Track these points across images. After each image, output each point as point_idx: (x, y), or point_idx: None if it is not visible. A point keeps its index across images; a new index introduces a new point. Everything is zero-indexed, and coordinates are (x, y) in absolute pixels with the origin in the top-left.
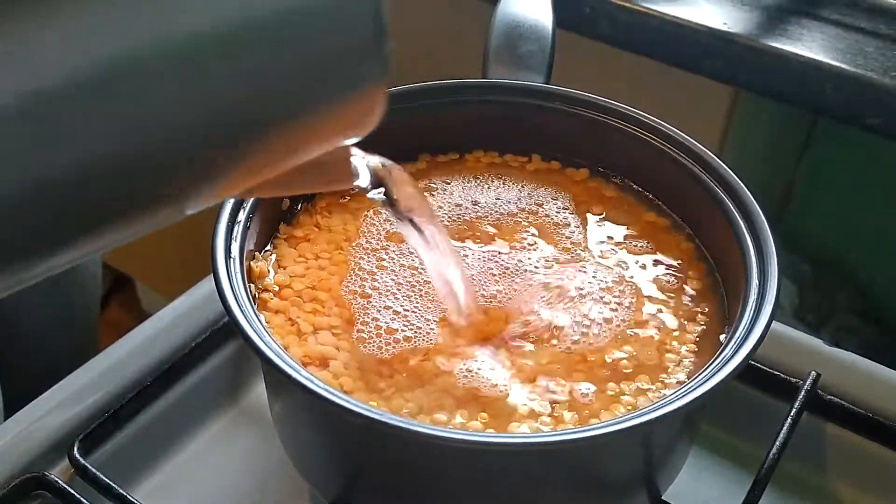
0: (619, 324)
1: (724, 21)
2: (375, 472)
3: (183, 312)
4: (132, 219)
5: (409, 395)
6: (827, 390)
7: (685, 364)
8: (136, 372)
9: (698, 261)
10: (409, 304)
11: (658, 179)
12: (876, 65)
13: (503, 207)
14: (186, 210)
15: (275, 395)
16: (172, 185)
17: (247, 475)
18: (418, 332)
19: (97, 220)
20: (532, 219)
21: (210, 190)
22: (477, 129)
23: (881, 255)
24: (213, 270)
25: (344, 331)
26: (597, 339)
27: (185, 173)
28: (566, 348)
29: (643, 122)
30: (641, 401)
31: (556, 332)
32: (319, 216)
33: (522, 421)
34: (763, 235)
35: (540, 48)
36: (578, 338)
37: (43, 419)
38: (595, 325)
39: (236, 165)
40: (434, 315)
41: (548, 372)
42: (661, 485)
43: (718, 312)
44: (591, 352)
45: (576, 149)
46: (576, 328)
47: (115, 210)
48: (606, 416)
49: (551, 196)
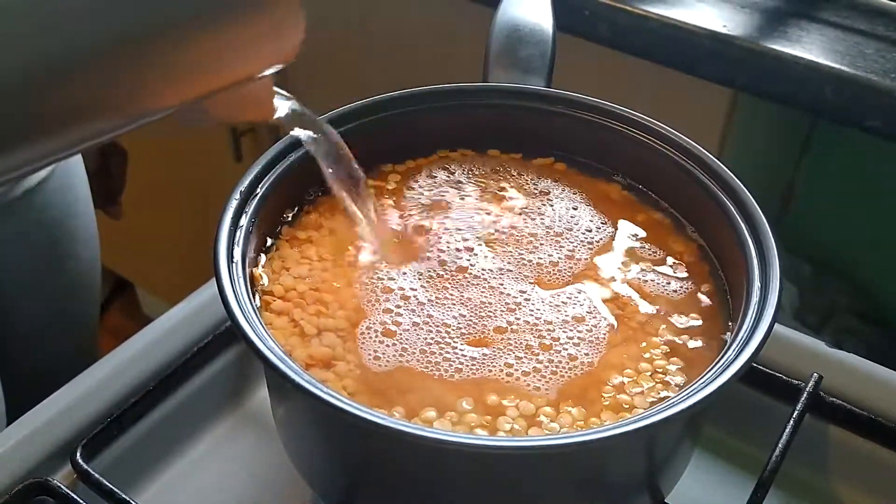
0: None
1: (723, 24)
2: (379, 476)
3: (185, 317)
4: (73, 123)
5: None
6: (829, 392)
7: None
8: (139, 377)
9: (702, 260)
10: (418, 304)
11: (659, 181)
12: (875, 66)
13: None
14: (131, 119)
15: (277, 399)
16: (104, 90)
17: (249, 480)
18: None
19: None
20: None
21: (145, 95)
22: (478, 132)
23: (881, 256)
24: (216, 273)
25: (349, 332)
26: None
27: (112, 74)
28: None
29: (644, 125)
30: (638, 400)
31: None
32: (322, 217)
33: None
34: (764, 238)
35: (540, 52)
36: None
37: (45, 424)
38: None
39: (160, 70)
40: (448, 313)
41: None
42: (663, 488)
43: (722, 311)
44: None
45: (576, 151)
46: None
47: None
48: (609, 417)
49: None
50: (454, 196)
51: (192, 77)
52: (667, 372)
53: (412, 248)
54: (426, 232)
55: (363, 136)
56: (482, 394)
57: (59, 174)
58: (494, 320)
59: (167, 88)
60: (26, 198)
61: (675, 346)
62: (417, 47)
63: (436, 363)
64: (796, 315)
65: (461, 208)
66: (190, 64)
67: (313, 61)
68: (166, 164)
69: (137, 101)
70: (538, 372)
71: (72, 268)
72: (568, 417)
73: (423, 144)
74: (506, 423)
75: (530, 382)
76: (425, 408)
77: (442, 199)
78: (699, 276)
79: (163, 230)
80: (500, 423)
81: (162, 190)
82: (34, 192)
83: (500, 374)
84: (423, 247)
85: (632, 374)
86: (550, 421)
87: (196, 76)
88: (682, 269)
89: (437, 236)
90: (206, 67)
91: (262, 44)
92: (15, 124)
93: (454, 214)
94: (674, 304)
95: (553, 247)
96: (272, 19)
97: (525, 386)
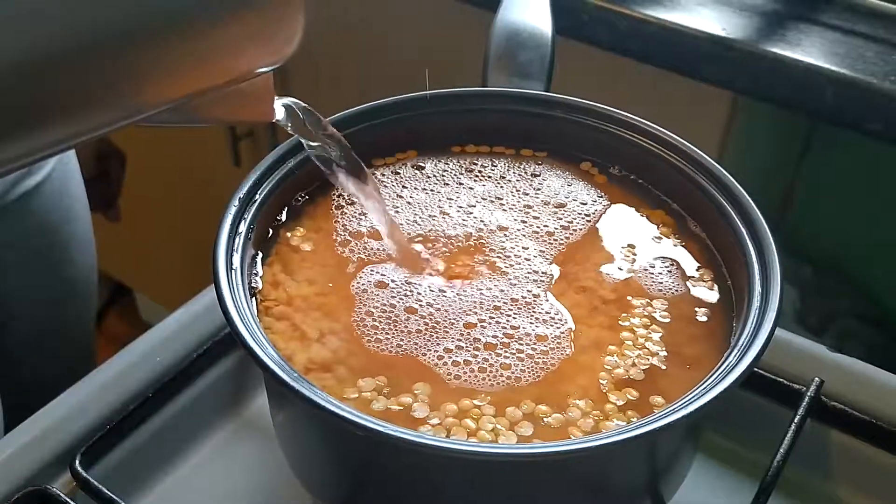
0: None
1: (722, 27)
2: (379, 483)
3: (184, 323)
4: (73, 114)
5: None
6: (830, 397)
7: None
8: (138, 384)
9: (707, 259)
10: (419, 305)
11: (658, 184)
12: (875, 69)
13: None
14: (127, 114)
15: (276, 406)
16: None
17: (249, 487)
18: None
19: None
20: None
21: (140, 89)
22: (477, 136)
23: (882, 259)
24: (214, 279)
25: (349, 335)
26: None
27: (107, 70)
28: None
29: (643, 128)
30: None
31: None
32: (322, 220)
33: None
34: (765, 242)
35: (539, 56)
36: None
37: (44, 432)
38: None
39: (156, 63)
40: (447, 312)
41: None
42: (665, 494)
43: (725, 310)
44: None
45: (576, 155)
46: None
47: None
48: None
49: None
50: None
51: (189, 72)
52: (648, 338)
53: (413, 255)
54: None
55: (362, 140)
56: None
57: (55, 178)
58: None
59: (164, 82)
60: (23, 201)
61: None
62: (417, 51)
63: (441, 359)
64: (797, 318)
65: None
66: (187, 58)
67: (314, 65)
68: (165, 169)
69: (133, 95)
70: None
71: (68, 272)
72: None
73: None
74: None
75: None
76: (431, 408)
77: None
78: (704, 270)
79: (162, 235)
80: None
81: (161, 195)
82: (30, 195)
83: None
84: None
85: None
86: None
87: (193, 72)
88: (687, 263)
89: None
90: (203, 62)
91: (261, 40)
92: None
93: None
94: (677, 298)
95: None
96: (272, 15)
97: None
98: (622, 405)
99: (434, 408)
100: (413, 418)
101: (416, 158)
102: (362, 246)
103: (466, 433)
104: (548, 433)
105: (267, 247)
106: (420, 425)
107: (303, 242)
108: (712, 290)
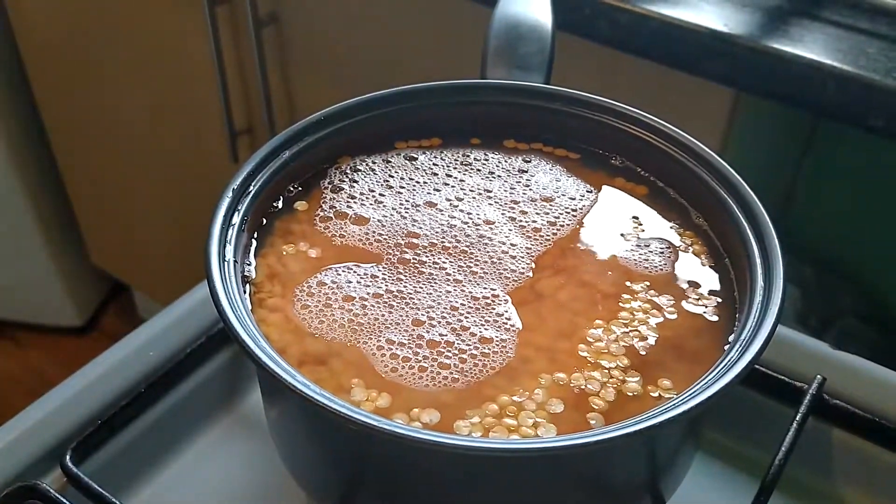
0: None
1: (724, 22)
2: (373, 479)
3: (178, 317)
4: None
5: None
6: (833, 394)
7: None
8: (130, 379)
9: (709, 252)
10: (417, 296)
11: (662, 176)
12: (878, 66)
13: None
14: None
15: (270, 401)
16: None
17: (242, 484)
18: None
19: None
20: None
21: None
22: (476, 130)
23: (884, 257)
24: (207, 272)
25: (346, 327)
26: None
27: None
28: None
29: (645, 122)
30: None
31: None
32: (314, 211)
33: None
34: (768, 238)
35: (539, 49)
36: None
37: (35, 427)
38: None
39: None
40: (444, 305)
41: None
42: (665, 492)
43: (728, 309)
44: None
45: (576, 149)
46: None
47: None
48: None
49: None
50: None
51: None
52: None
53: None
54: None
55: (358, 133)
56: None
57: None
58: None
59: None
60: None
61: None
62: (416, 43)
63: (438, 353)
64: (798, 318)
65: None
66: None
67: (312, 57)
68: (163, 165)
69: None
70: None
71: None
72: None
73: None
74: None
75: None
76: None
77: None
78: (707, 261)
79: (160, 232)
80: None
81: (158, 192)
82: None
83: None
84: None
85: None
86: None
87: None
88: (690, 257)
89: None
90: None
91: None
92: None
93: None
94: (677, 296)
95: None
96: None
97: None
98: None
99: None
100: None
101: (409, 150)
102: (360, 234)
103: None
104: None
105: (262, 238)
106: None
107: (298, 233)
108: (714, 282)
